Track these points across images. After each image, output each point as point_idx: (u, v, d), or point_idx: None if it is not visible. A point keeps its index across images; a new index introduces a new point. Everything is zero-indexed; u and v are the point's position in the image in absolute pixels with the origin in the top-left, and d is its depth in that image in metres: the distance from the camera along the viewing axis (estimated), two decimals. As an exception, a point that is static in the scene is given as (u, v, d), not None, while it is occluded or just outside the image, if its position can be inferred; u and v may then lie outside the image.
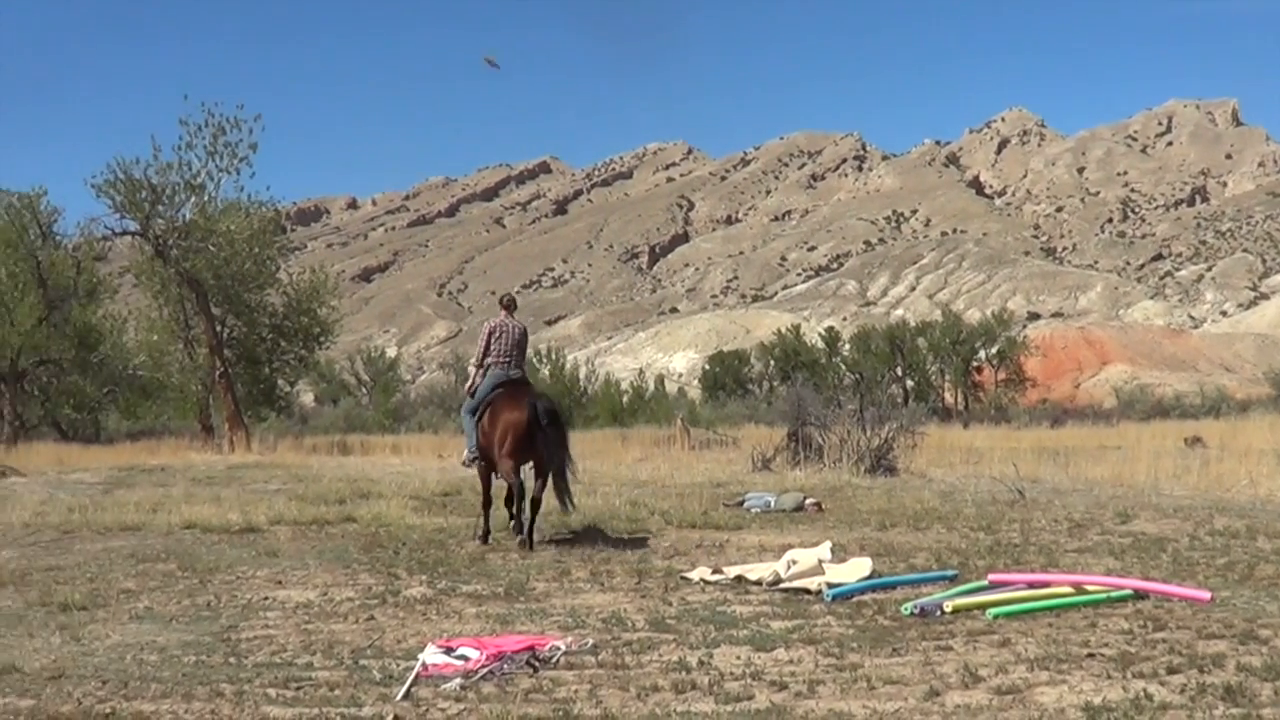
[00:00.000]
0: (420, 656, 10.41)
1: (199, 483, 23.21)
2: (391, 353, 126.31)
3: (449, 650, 10.54)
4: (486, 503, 19.48)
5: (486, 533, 19.06)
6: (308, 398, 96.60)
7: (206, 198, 51.47)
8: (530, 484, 18.99)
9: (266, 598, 13.94)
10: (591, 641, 11.11)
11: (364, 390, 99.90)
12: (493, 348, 19.54)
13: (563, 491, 18.73)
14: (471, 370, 20.18)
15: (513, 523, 19.30)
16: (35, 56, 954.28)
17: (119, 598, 14.07)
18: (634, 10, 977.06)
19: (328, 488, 27.16)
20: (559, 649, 10.64)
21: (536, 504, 18.55)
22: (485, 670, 9.97)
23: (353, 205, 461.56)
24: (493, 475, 19.40)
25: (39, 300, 54.27)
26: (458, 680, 9.73)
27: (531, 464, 18.99)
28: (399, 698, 9.30)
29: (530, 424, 18.24)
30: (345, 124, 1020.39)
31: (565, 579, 14.98)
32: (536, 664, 10.22)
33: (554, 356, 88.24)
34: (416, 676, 9.83)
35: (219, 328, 53.49)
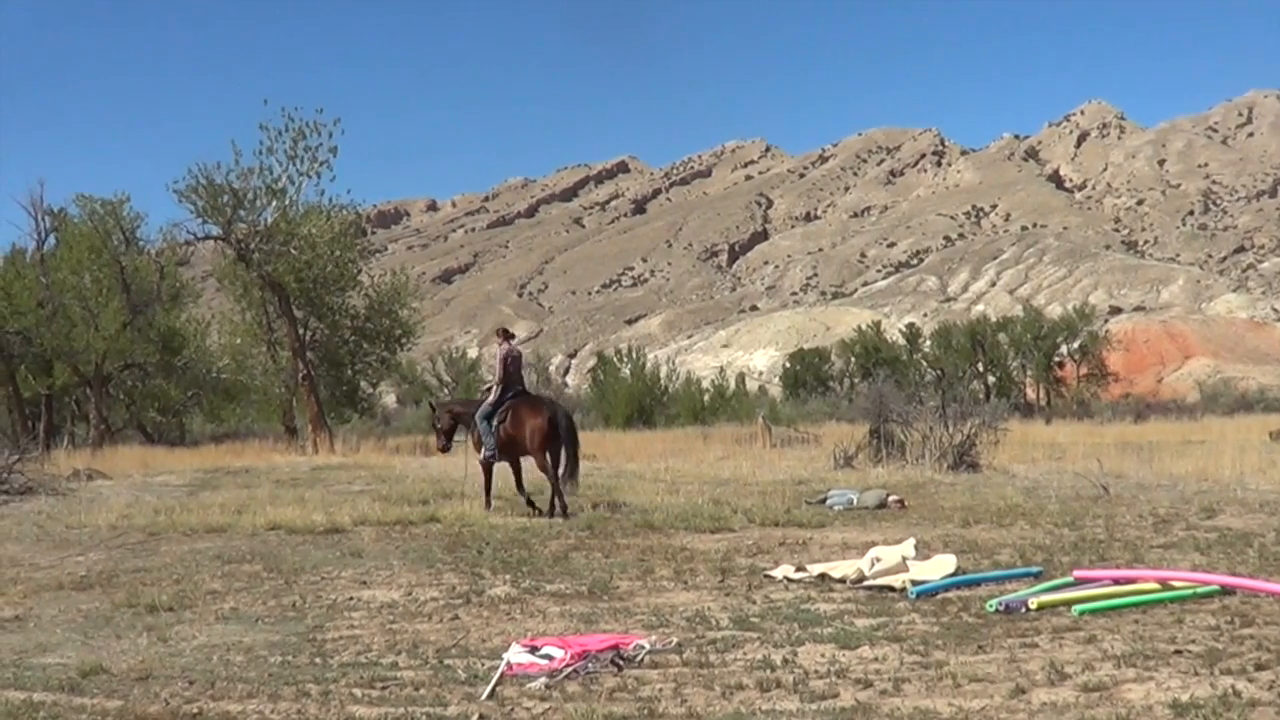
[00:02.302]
0: (505, 656, 10.41)
1: (283, 484, 23.33)
2: (473, 353, 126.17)
3: (534, 649, 10.54)
4: (489, 485, 23.83)
5: (489, 502, 23.55)
6: (390, 399, 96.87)
7: (287, 202, 51.76)
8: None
9: (351, 598, 14.00)
10: (676, 640, 11.10)
11: (446, 391, 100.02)
12: (510, 369, 23.74)
13: (571, 475, 23.05)
14: (495, 387, 23.68)
15: (522, 498, 23.55)
16: (118, 66, 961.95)
17: (205, 599, 14.16)
18: (712, 8, 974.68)
19: (411, 488, 27.27)
20: (643, 647, 10.63)
21: (557, 483, 22.72)
22: (570, 669, 9.96)
23: (432, 207, 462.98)
24: (494, 467, 23.72)
25: (123, 305, 54.60)
26: (543, 679, 9.73)
27: (550, 455, 22.84)
28: (484, 697, 9.30)
29: (553, 424, 22.83)
30: (424, 126, 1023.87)
31: (649, 578, 14.97)
32: (621, 663, 10.21)
33: (634, 356, 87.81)
34: (501, 676, 9.84)
35: (301, 330, 53.80)
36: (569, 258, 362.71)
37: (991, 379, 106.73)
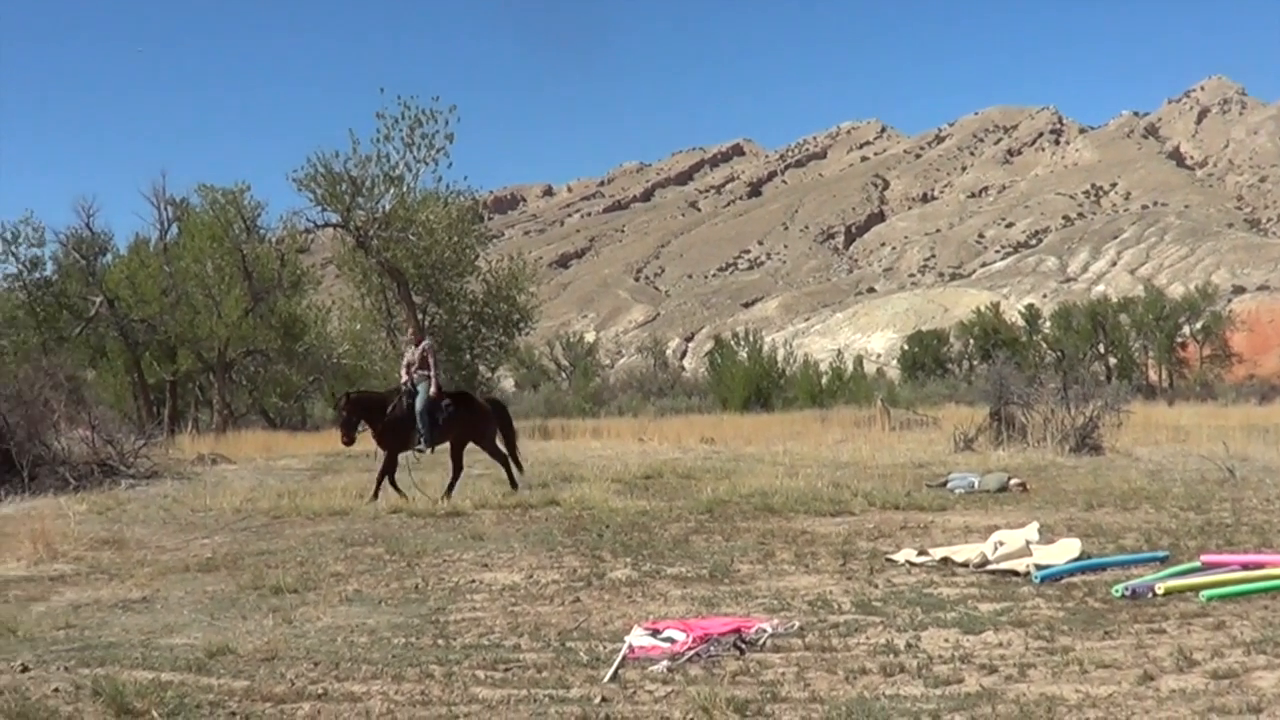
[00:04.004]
0: (627, 639, 10.42)
1: (403, 468, 23.43)
2: (590, 337, 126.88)
3: (655, 632, 10.55)
4: (393, 476, 23.74)
5: (378, 494, 23.14)
6: (508, 383, 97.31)
7: (405, 189, 52.11)
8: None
9: (473, 580, 14.07)
10: (798, 623, 11.09)
11: (564, 375, 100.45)
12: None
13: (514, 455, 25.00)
14: (434, 382, 23.99)
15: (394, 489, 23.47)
16: (238, 56, 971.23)
17: (329, 581, 14.28)
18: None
19: (530, 472, 27.35)
20: (765, 631, 10.61)
21: (514, 460, 24.82)
22: (692, 652, 9.96)
23: (549, 192, 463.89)
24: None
25: (245, 293, 55.15)
26: (665, 662, 9.73)
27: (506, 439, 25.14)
28: (606, 680, 9.32)
29: (504, 414, 25.54)
30: (540, 112, 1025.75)
31: (769, 561, 14.96)
32: (743, 646, 10.20)
33: (751, 339, 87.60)
34: (623, 658, 9.84)
35: (420, 315, 54.09)
36: (685, 241, 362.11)
37: (1113, 360, 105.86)
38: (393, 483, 23.49)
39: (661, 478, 26.66)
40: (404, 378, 24.32)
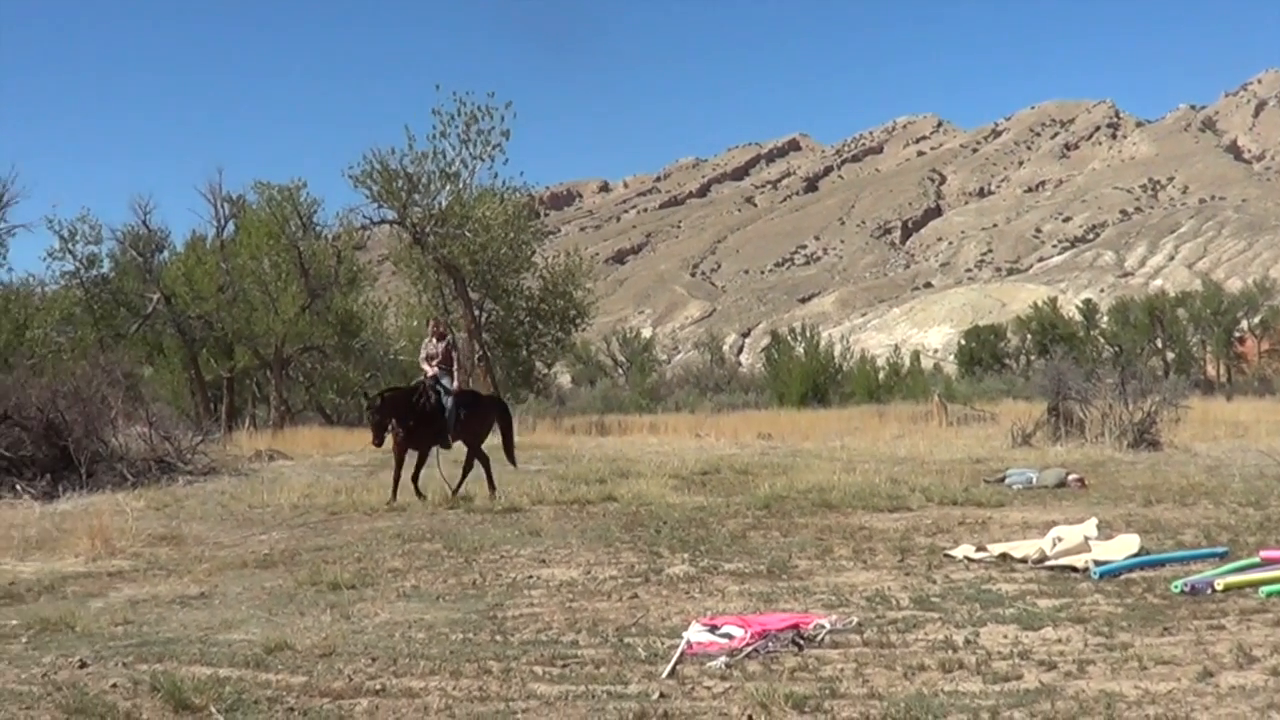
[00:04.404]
0: (685, 634, 10.40)
1: (459, 464, 23.47)
2: (646, 333, 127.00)
3: (713, 628, 10.53)
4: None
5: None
6: (565, 379, 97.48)
7: (461, 185, 52.29)
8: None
9: (531, 576, 14.08)
10: (856, 619, 11.05)
11: (620, 371, 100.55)
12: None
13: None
14: (454, 377, 24.05)
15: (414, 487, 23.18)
16: (294, 52, 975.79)
17: (386, 576, 14.31)
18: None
19: (587, 467, 27.41)
20: (823, 627, 10.59)
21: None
22: (750, 648, 9.93)
23: (604, 188, 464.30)
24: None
25: (301, 289, 55.33)
26: (723, 658, 9.70)
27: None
28: (664, 675, 9.30)
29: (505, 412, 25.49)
30: (595, 108, 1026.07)
31: (827, 557, 14.92)
32: (801, 642, 10.17)
33: (808, 334, 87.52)
34: (682, 654, 9.82)
35: (477, 312, 54.30)
36: (741, 237, 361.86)
37: (1170, 355, 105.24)
38: (414, 480, 23.24)
39: (719, 473, 26.65)
40: (429, 371, 23.84)
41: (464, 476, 23.46)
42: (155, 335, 58.93)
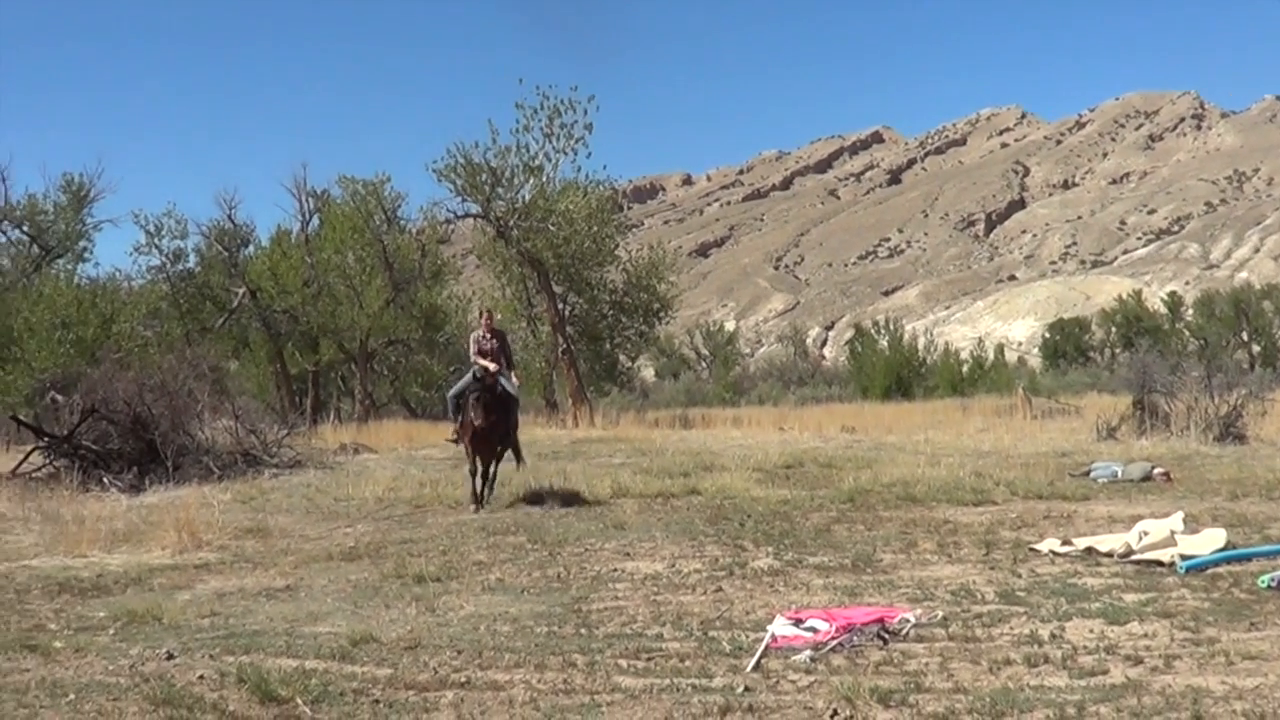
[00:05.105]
0: (769, 628, 10.41)
1: (544, 457, 23.57)
2: (730, 326, 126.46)
3: (798, 622, 10.52)
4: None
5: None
6: (648, 372, 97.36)
7: (545, 179, 52.22)
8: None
9: (615, 569, 14.10)
10: (941, 613, 11.03)
11: (703, 364, 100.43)
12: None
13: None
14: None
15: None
16: (378, 48, 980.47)
17: (471, 569, 14.37)
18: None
19: (671, 461, 27.38)
20: (908, 621, 10.57)
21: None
22: (835, 642, 9.93)
23: (687, 181, 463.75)
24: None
25: (386, 283, 55.59)
26: (808, 652, 9.70)
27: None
28: (749, 669, 9.31)
29: None
30: (679, 102, 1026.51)
31: (912, 550, 14.87)
32: (886, 636, 10.16)
33: (892, 327, 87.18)
34: (766, 648, 9.82)
35: (561, 305, 54.33)
36: (824, 229, 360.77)
37: (1256, 348, 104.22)
38: (488, 485, 21.90)
39: (802, 467, 26.57)
40: (491, 366, 21.90)
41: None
42: (241, 329, 59.45)
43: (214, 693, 8.96)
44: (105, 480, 25.70)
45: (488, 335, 22.46)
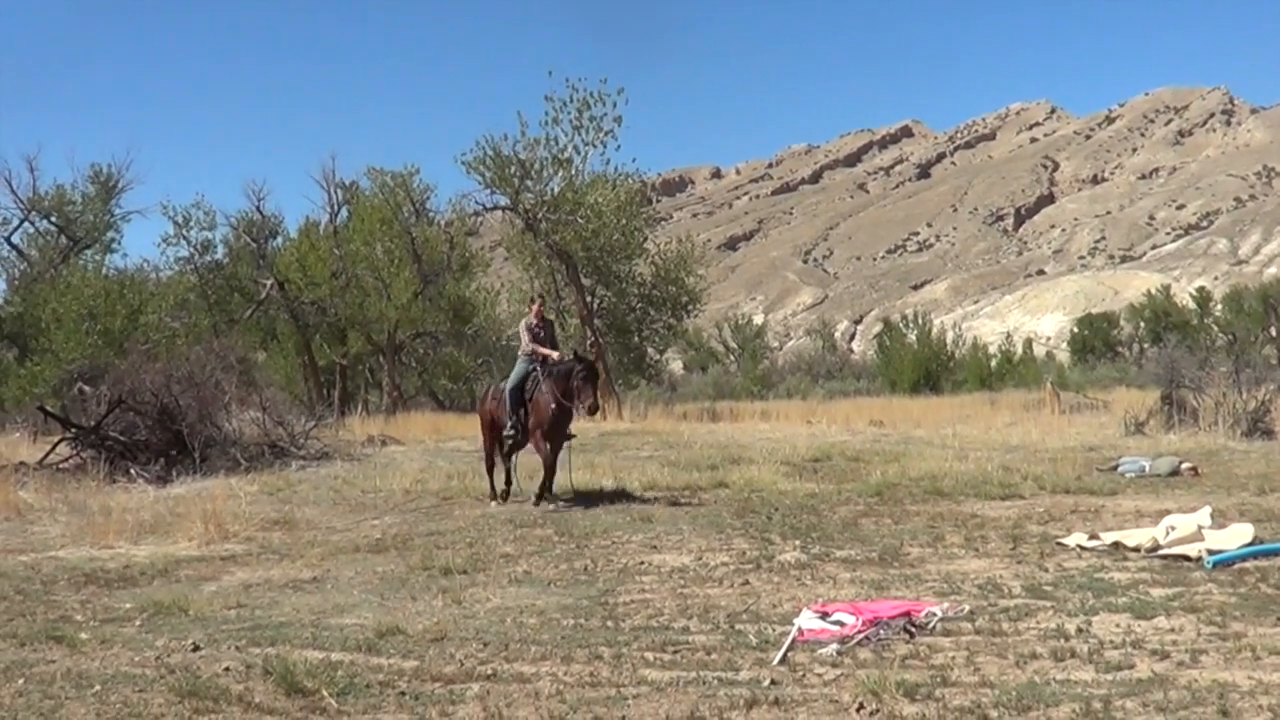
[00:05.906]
0: (796, 621, 10.40)
1: (572, 450, 23.46)
2: (758, 320, 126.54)
3: (825, 615, 10.52)
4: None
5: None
6: (676, 365, 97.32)
7: (574, 171, 52.27)
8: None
9: (642, 562, 14.10)
10: (968, 607, 11.02)
11: (732, 357, 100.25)
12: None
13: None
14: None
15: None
16: (407, 40, 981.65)
17: (498, 562, 14.39)
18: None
19: (699, 454, 27.39)
20: (935, 615, 10.56)
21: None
22: (861, 635, 9.92)
23: (716, 175, 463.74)
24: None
25: (414, 275, 55.57)
26: (834, 645, 9.69)
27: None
28: (776, 662, 9.30)
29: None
30: (708, 95, 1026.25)
31: (939, 544, 14.86)
32: (913, 630, 10.15)
33: (920, 321, 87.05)
34: (793, 641, 9.82)
35: (589, 298, 54.36)
36: (853, 223, 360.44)
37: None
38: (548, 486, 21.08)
39: (830, 460, 26.55)
40: (555, 355, 21.30)
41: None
42: (269, 321, 59.47)
43: (240, 684, 8.98)
44: (132, 471, 25.78)
45: (538, 323, 21.82)
